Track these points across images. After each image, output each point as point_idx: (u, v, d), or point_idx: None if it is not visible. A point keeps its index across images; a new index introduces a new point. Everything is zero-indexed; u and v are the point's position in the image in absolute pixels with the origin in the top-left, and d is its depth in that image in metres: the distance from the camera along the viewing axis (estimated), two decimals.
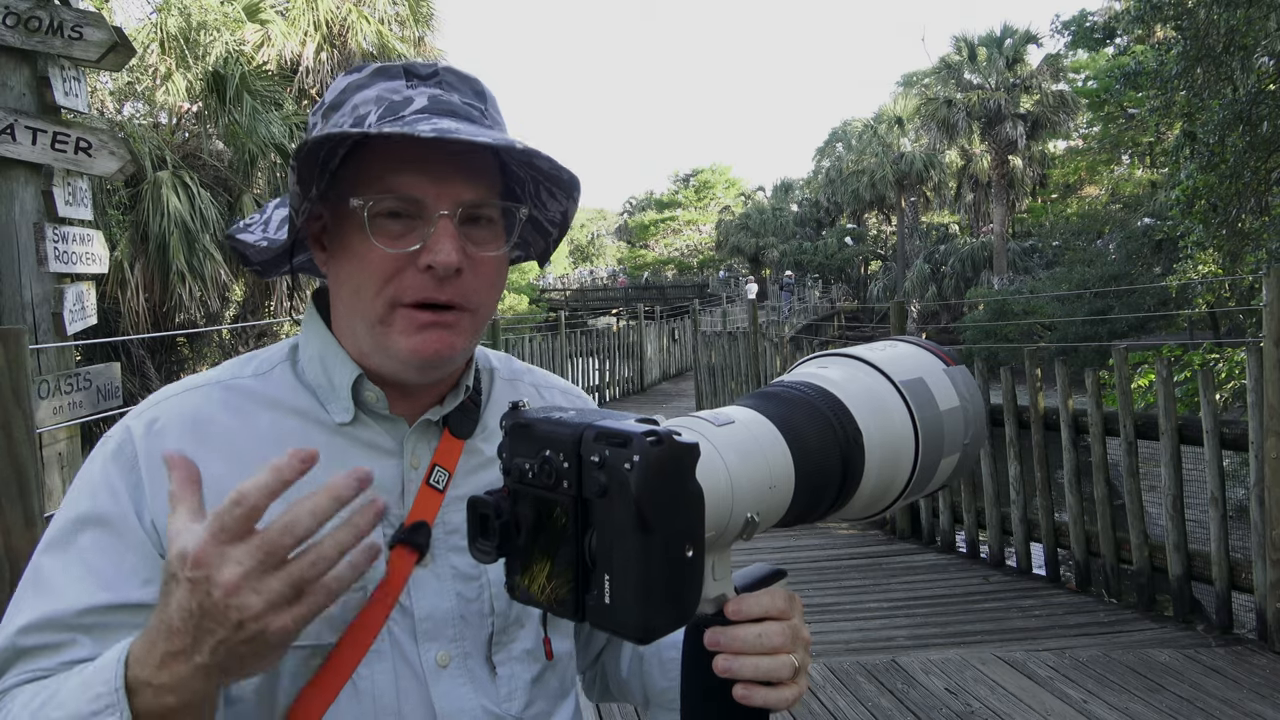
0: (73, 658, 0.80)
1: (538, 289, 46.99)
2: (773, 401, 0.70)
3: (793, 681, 0.70)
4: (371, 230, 0.84)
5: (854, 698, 3.83)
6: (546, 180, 0.88)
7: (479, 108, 0.88)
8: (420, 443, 0.93)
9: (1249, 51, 9.30)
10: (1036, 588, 5.33)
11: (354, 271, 0.86)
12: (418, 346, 0.85)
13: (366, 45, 12.40)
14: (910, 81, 36.77)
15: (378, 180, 0.84)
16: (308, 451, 0.66)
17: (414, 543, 0.89)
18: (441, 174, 0.84)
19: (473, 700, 0.90)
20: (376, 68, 0.87)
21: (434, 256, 0.83)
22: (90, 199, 4.16)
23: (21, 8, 3.65)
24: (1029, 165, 33.38)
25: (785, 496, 0.66)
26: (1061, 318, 17.54)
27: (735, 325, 21.43)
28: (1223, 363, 8.75)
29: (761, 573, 0.72)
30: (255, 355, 0.96)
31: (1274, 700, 3.70)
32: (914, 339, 0.82)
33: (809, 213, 48.24)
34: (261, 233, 0.96)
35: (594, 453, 0.57)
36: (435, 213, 0.84)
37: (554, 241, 0.97)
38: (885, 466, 0.73)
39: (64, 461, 3.71)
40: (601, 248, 73.20)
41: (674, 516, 0.57)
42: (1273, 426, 4.23)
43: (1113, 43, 24.99)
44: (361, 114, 0.84)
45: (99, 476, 0.86)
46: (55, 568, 0.83)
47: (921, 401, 0.75)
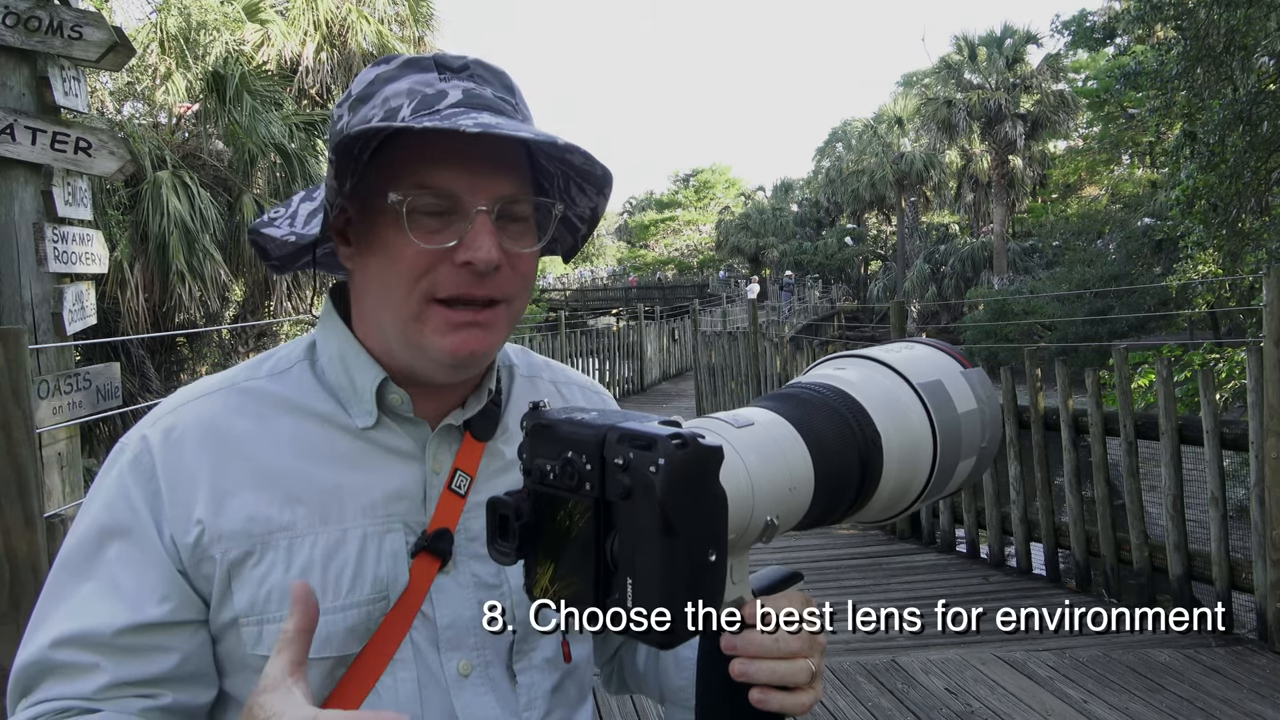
0: (97, 684, 0.80)
1: (538, 289, 47.00)
2: (791, 403, 0.69)
3: (809, 686, 0.69)
4: (410, 225, 0.82)
5: (854, 698, 3.83)
6: (577, 175, 0.87)
7: (510, 101, 0.86)
8: (442, 446, 0.91)
9: (1249, 51, 9.30)
10: (1036, 588, 5.33)
11: (385, 267, 0.84)
12: (454, 346, 0.84)
13: (366, 45, 12.39)
14: (910, 81, 36.78)
15: (413, 175, 0.82)
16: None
17: (436, 550, 0.88)
18: (479, 169, 0.83)
19: (495, 710, 0.88)
20: (406, 59, 0.85)
21: (473, 253, 0.81)
22: (90, 199, 4.16)
23: (21, 7, 3.65)
24: (1029, 165, 33.36)
25: (805, 498, 0.66)
26: (1061, 318, 17.55)
27: (735, 325, 21.42)
28: (1223, 363, 8.75)
29: (779, 575, 0.72)
30: (270, 355, 0.94)
31: (1274, 700, 3.70)
32: (931, 341, 0.82)
33: (809, 213, 48.22)
34: (289, 227, 0.93)
35: (618, 455, 0.56)
36: (473, 208, 0.82)
37: (582, 238, 0.96)
38: (904, 468, 0.72)
39: (64, 461, 3.71)
40: (601, 248, 73.14)
41: (698, 520, 0.56)
42: (1273, 426, 4.22)
43: (1113, 43, 24.98)
44: (393, 107, 0.82)
45: (116, 488, 0.85)
46: (82, 582, 0.82)
47: (939, 404, 0.74)
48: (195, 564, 0.83)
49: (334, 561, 0.85)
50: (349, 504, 0.87)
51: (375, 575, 0.86)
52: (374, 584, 0.86)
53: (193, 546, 0.83)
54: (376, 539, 0.87)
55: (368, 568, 0.86)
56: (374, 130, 0.78)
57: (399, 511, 0.88)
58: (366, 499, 0.87)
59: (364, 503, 0.87)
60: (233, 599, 0.83)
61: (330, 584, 0.84)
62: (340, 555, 0.85)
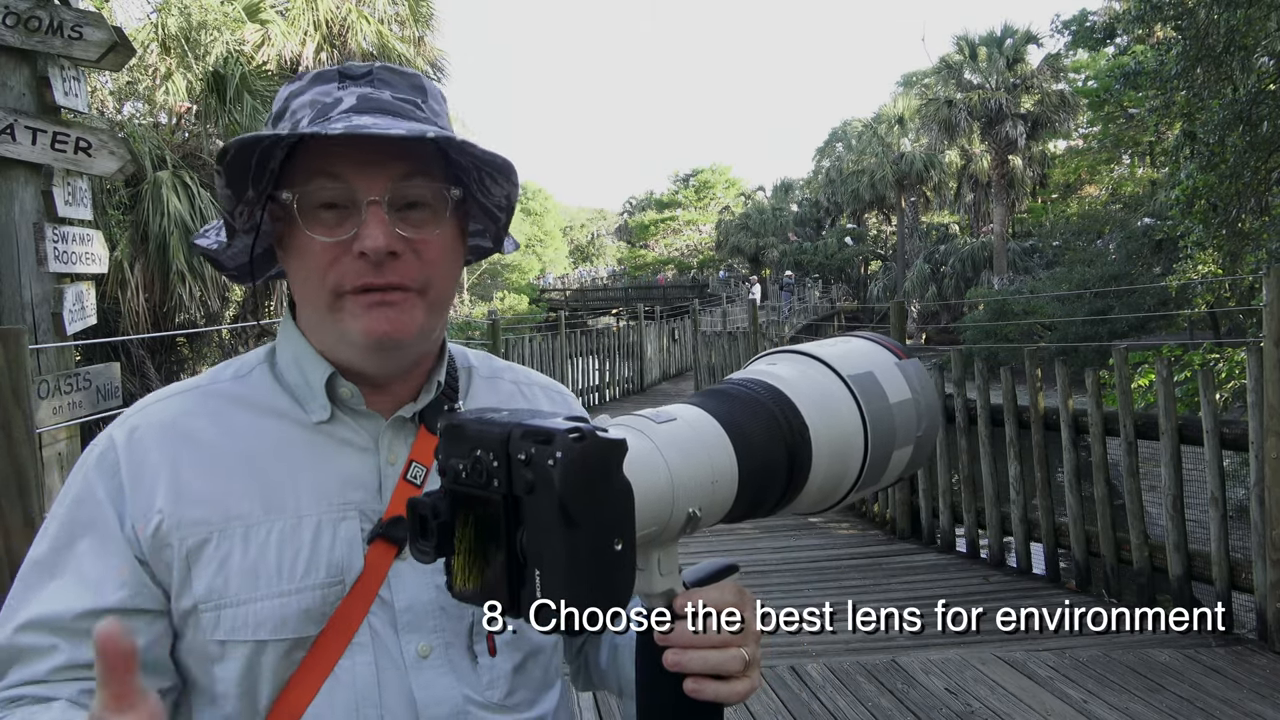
0: (53, 664, 0.84)
1: (538, 289, 46.99)
2: (717, 398, 0.71)
3: (744, 675, 0.71)
4: (306, 221, 0.87)
5: (854, 698, 3.83)
6: (487, 166, 0.90)
7: (414, 101, 0.90)
8: (396, 439, 0.95)
9: (1249, 51, 9.30)
10: (1036, 588, 5.33)
11: (300, 264, 0.89)
12: (368, 326, 0.87)
13: (366, 45, 12.40)
14: (910, 81, 36.81)
15: (307, 175, 0.88)
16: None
17: (392, 537, 0.91)
18: (368, 163, 0.87)
19: (454, 690, 0.91)
20: (315, 74, 0.91)
21: (363, 243, 0.85)
22: (90, 199, 4.16)
23: (21, 8, 3.65)
24: (1029, 165, 33.35)
25: (729, 491, 0.68)
26: (1061, 318, 17.53)
27: (735, 325, 21.43)
28: (1223, 363, 8.74)
29: (713, 568, 0.73)
30: (235, 360, 0.99)
31: (1274, 700, 3.70)
32: (868, 334, 0.83)
33: (809, 213, 48.23)
34: (215, 237, 0.98)
35: (521, 450, 0.58)
36: (365, 200, 0.86)
37: (503, 226, 0.99)
38: (834, 460, 0.74)
39: (63, 461, 3.71)
40: (601, 248, 73.17)
41: (599, 511, 0.58)
42: (1273, 426, 4.22)
43: (1113, 43, 24.96)
44: (297, 118, 0.88)
45: (84, 485, 0.90)
46: (50, 573, 0.88)
47: (870, 395, 0.75)
48: (156, 551, 0.87)
49: (288, 546, 0.89)
50: (304, 493, 0.90)
51: (330, 560, 0.89)
52: (329, 568, 0.89)
53: (153, 535, 0.87)
54: (331, 525, 0.90)
55: (322, 552, 0.89)
56: (250, 140, 0.83)
57: (355, 500, 0.92)
58: (321, 489, 0.91)
59: (318, 492, 0.91)
60: (192, 586, 0.87)
61: (285, 568, 0.88)
62: (295, 540, 0.89)
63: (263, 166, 0.88)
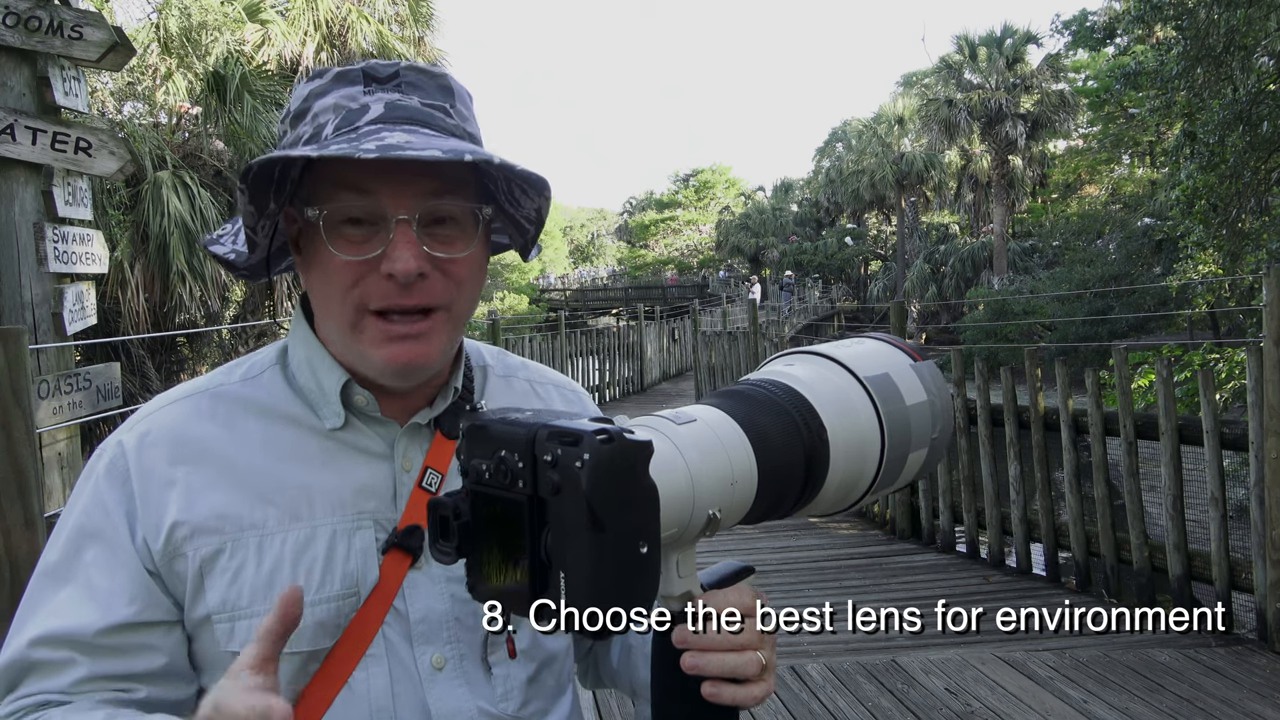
0: (74, 678, 0.83)
1: (538, 289, 46.98)
2: (736, 399, 0.71)
3: (760, 678, 0.70)
4: (331, 238, 0.84)
5: (854, 698, 3.83)
6: (518, 179, 0.88)
7: (443, 106, 0.87)
8: (411, 445, 0.93)
9: (1249, 51, 9.30)
10: (1036, 588, 5.33)
11: (320, 279, 0.87)
12: (389, 358, 0.86)
13: (366, 45, 12.39)
14: (910, 81, 36.79)
15: (334, 189, 0.84)
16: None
17: (407, 547, 0.89)
18: (398, 179, 0.83)
19: (468, 701, 0.90)
20: (337, 72, 0.87)
21: (392, 265, 0.82)
22: (90, 199, 4.16)
23: (21, 8, 3.65)
24: (1029, 165, 33.34)
25: (748, 492, 0.67)
26: (1061, 318, 17.53)
27: (735, 325, 21.42)
28: (1223, 363, 8.75)
29: (729, 569, 0.73)
30: (244, 360, 0.97)
31: (1274, 700, 3.70)
32: (882, 335, 0.83)
33: (809, 213, 48.23)
34: (231, 244, 0.96)
35: (547, 452, 0.58)
36: (394, 218, 0.83)
37: (531, 238, 0.97)
38: (851, 462, 0.73)
39: (64, 462, 3.71)
40: (601, 248, 73.16)
41: (626, 513, 0.57)
42: (1273, 426, 4.22)
43: (1113, 43, 24.97)
44: (320, 123, 0.84)
45: (93, 493, 0.88)
46: (61, 585, 0.86)
47: (887, 396, 0.75)
48: (168, 562, 0.86)
49: (303, 558, 0.87)
50: (318, 502, 0.89)
51: (345, 571, 0.88)
52: (344, 579, 0.87)
53: (165, 546, 0.85)
54: (346, 536, 0.88)
55: (337, 564, 0.88)
56: (280, 159, 0.80)
57: (369, 509, 0.90)
58: (336, 497, 0.89)
59: (333, 501, 0.89)
60: (205, 596, 0.86)
61: (300, 580, 0.86)
62: (310, 552, 0.87)
63: (284, 176, 0.85)
